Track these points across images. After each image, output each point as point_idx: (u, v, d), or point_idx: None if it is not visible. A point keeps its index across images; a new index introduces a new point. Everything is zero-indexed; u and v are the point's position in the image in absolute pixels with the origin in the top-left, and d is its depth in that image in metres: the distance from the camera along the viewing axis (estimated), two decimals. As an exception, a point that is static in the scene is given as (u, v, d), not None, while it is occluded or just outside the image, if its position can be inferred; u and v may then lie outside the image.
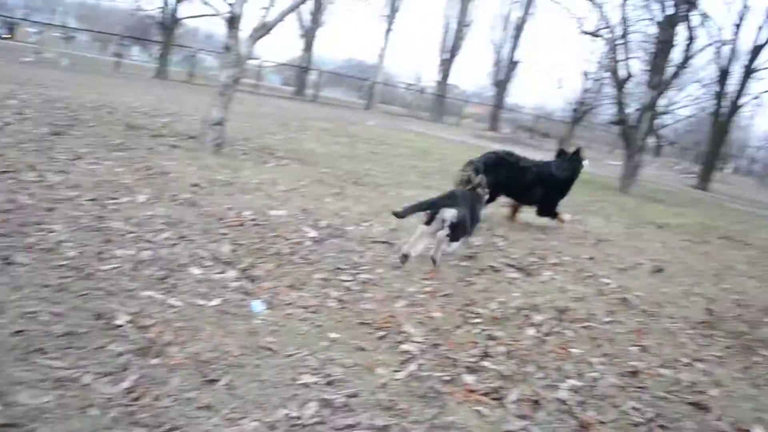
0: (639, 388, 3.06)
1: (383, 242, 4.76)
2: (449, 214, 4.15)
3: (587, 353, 3.34)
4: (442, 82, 38.97)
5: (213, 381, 2.40)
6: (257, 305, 3.19)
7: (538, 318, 3.70)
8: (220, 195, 5.32)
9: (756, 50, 22.48)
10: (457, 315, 3.54)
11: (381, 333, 3.12)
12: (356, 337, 3.03)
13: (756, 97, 25.62)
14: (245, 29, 8.13)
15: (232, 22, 7.77)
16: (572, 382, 2.96)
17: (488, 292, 4.03)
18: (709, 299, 4.97)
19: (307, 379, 2.53)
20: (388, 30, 34.86)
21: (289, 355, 2.72)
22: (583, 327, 3.74)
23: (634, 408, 2.84)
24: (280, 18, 8.22)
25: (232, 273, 3.57)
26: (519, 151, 7.24)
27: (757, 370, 3.62)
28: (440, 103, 37.80)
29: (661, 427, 2.73)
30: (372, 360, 2.82)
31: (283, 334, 2.93)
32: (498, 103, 39.18)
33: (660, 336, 3.86)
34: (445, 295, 3.81)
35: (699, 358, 3.62)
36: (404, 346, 3.01)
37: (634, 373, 3.21)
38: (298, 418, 2.26)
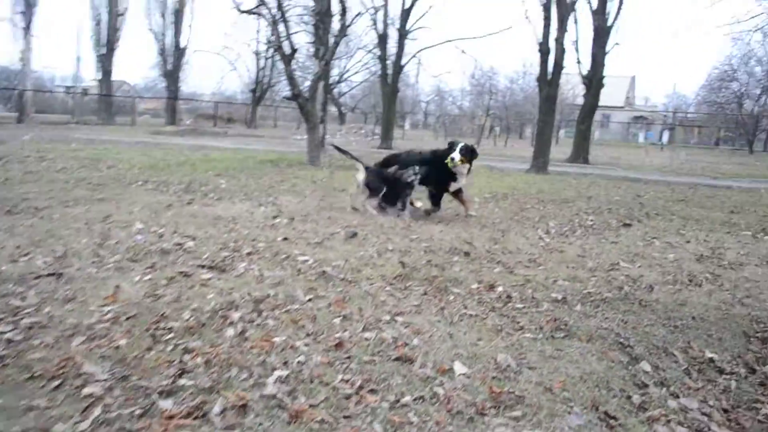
0: (346, 358, 3.08)
1: (49, 275, 4.12)
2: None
3: (291, 338, 3.28)
4: (106, 80, 36.12)
5: None
6: None
7: (236, 315, 3.53)
8: None
9: (405, 13, 25.10)
10: (147, 336, 3.19)
11: (56, 382, 2.67)
12: (24, 397, 2.54)
13: (414, 56, 28.77)
14: None
15: None
16: (278, 373, 2.87)
17: (180, 301, 3.73)
18: (401, 252, 5.32)
19: (-42, 472, 2.04)
20: (27, 29, 30.84)
21: (-68, 450, 2.17)
22: (284, 312, 3.67)
23: (343, 380, 2.84)
24: None
25: None
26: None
27: (450, 308, 3.93)
28: (108, 104, 35.08)
29: (371, 391, 2.77)
30: (47, 418, 2.39)
31: (-77, 425, 2.34)
32: (173, 95, 37.68)
33: (360, 300, 3.96)
34: (129, 318, 3.41)
35: (399, 311, 3.78)
36: (86, 390, 2.61)
37: (339, 345, 3.23)
38: None
